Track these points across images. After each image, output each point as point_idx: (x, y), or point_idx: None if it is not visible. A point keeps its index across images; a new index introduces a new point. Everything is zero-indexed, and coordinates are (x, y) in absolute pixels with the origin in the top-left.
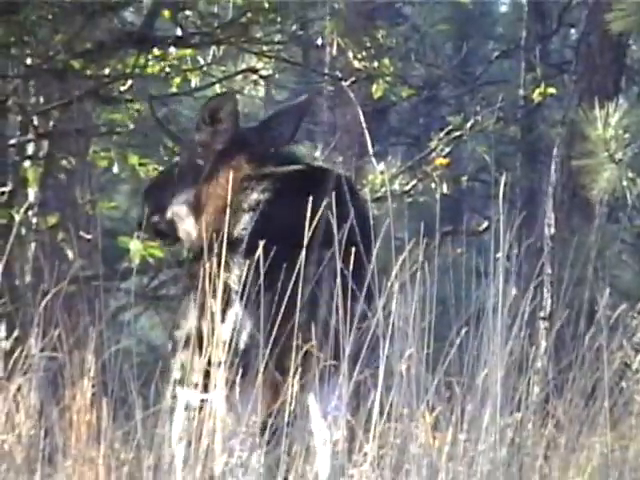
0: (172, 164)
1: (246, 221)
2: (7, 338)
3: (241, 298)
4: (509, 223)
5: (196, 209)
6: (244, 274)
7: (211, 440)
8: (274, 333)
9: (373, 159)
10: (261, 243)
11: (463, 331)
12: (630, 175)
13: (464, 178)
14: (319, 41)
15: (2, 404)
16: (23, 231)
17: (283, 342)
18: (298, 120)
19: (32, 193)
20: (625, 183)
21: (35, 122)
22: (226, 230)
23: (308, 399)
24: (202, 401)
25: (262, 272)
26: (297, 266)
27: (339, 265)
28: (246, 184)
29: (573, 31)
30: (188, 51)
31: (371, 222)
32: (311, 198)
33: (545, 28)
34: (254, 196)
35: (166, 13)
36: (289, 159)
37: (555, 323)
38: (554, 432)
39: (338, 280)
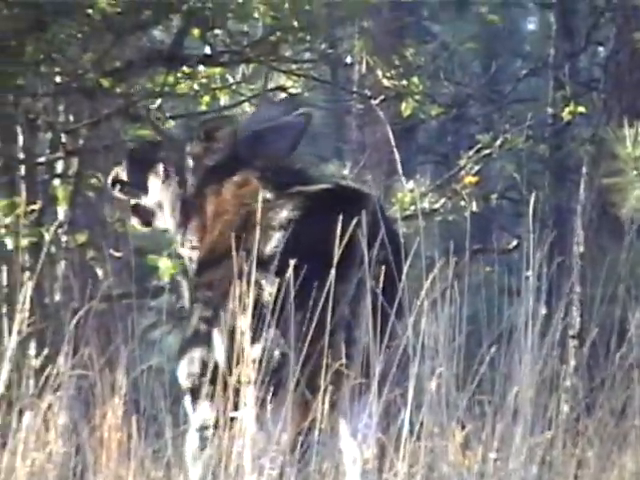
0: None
1: (277, 239)
2: (37, 356)
3: (273, 316)
4: (539, 241)
5: (185, 222)
6: (276, 292)
7: (241, 458)
8: (305, 352)
9: (402, 177)
10: (293, 262)
11: (493, 349)
12: None
13: (493, 196)
14: (348, 59)
15: (33, 422)
16: (53, 249)
17: (314, 361)
18: (297, 136)
19: (61, 211)
20: None
21: (64, 140)
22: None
23: (338, 417)
24: (232, 419)
25: (294, 290)
26: (329, 285)
27: (370, 284)
28: (273, 201)
29: (602, 49)
30: (217, 69)
31: (401, 241)
32: (342, 217)
33: (574, 46)
34: (284, 214)
35: (195, 32)
36: (301, 176)
37: (585, 341)
38: (585, 451)
39: (369, 299)
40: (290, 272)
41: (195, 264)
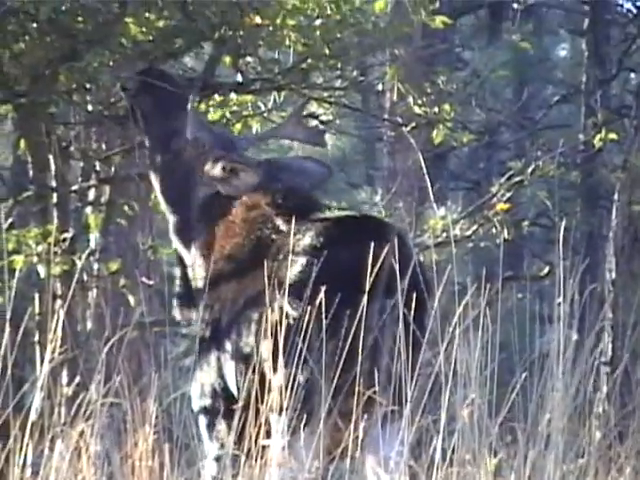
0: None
1: (301, 265)
2: (69, 384)
3: (298, 342)
4: (570, 268)
5: (191, 238)
6: (301, 318)
7: None
8: (336, 379)
9: (434, 204)
10: (323, 288)
11: (525, 376)
12: None
13: (525, 223)
14: (379, 87)
15: (65, 450)
16: (85, 277)
17: (346, 388)
18: (318, 184)
19: (94, 239)
20: None
21: (97, 168)
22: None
23: (370, 444)
24: (264, 447)
25: (322, 317)
26: (359, 312)
27: (400, 312)
28: (288, 228)
29: (633, 75)
30: (249, 97)
31: (425, 273)
32: (367, 246)
33: (605, 72)
34: (307, 240)
35: (227, 59)
36: (313, 203)
37: (617, 368)
38: (617, 478)
39: (400, 326)
40: (320, 298)
41: (200, 281)
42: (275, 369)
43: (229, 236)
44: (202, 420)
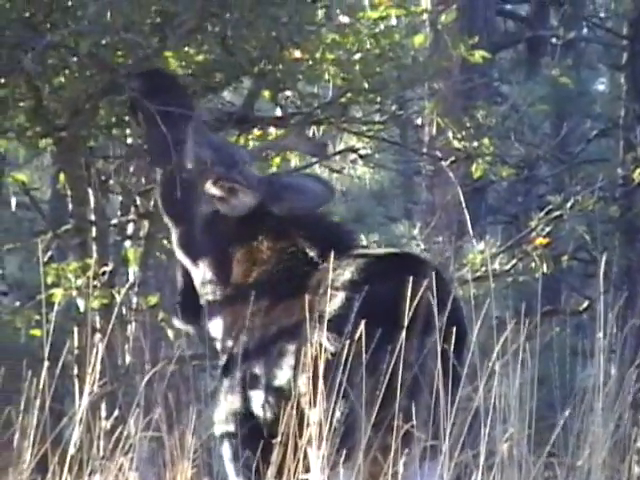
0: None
1: (341, 300)
2: (108, 418)
3: (336, 376)
4: (610, 302)
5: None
6: (340, 353)
7: None
8: (375, 414)
9: (472, 238)
10: (362, 323)
11: (566, 411)
12: None
13: (564, 257)
14: (418, 121)
15: None
16: (124, 311)
17: (385, 423)
18: (320, 204)
19: (132, 273)
20: None
21: (136, 202)
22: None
23: (409, 478)
24: None
25: (362, 352)
26: (397, 348)
27: (439, 347)
28: (336, 262)
29: None
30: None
31: (463, 311)
32: (406, 282)
33: None
34: (347, 276)
35: (266, 93)
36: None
37: None
38: None
39: (439, 363)
40: (360, 333)
41: (211, 298)
42: (313, 403)
43: (254, 263)
44: (226, 449)
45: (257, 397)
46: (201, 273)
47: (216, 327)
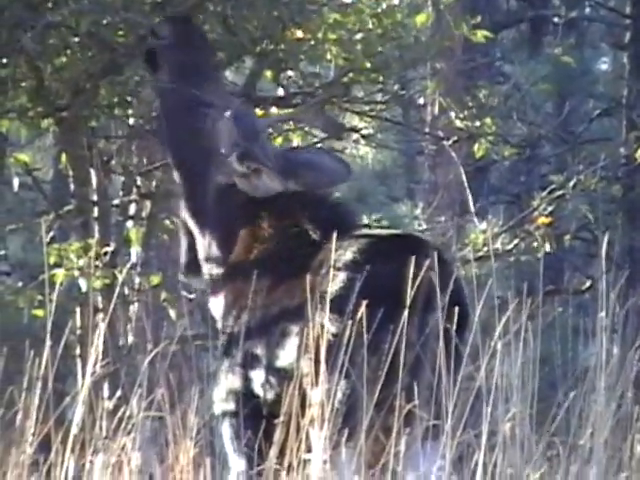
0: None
1: (342, 280)
2: (110, 398)
3: (337, 357)
4: (612, 282)
5: (210, 234)
6: (341, 333)
7: None
8: (377, 394)
9: (474, 218)
10: (364, 303)
11: (568, 391)
12: None
13: (566, 237)
14: (420, 100)
15: (106, 464)
16: (126, 291)
17: (387, 403)
18: (335, 181)
19: (135, 253)
20: None
21: (138, 182)
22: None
23: (411, 459)
24: (305, 461)
25: (365, 332)
26: (399, 327)
27: (441, 326)
28: (338, 243)
29: None
30: (290, 111)
31: (465, 291)
32: (408, 262)
33: None
34: (349, 256)
35: (268, 73)
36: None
37: None
38: None
39: (441, 341)
40: (361, 314)
41: (215, 271)
42: (315, 384)
43: (256, 240)
44: (226, 427)
45: (258, 377)
46: (206, 243)
47: (217, 305)
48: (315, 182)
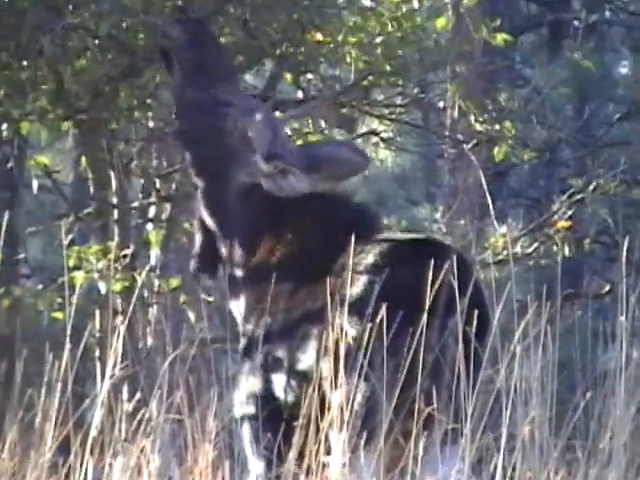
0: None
1: (363, 283)
2: (130, 400)
3: (357, 360)
4: (632, 286)
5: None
6: (362, 336)
7: None
8: (396, 397)
9: (494, 221)
10: (384, 306)
11: (587, 394)
12: None
13: (586, 241)
14: (440, 104)
15: (126, 466)
16: (145, 293)
17: (406, 406)
18: (352, 172)
19: (154, 256)
20: None
21: (157, 185)
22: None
23: (429, 462)
24: (324, 464)
25: (385, 335)
26: (419, 331)
27: (461, 330)
28: (360, 246)
29: None
30: (303, 108)
31: (485, 295)
32: (430, 267)
33: None
34: (370, 260)
35: (288, 76)
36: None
37: None
38: None
39: (460, 345)
40: (382, 317)
41: (241, 283)
42: (335, 387)
43: (279, 242)
44: (246, 430)
45: (279, 380)
46: (227, 242)
47: (238, 306)
48: (337, 174)
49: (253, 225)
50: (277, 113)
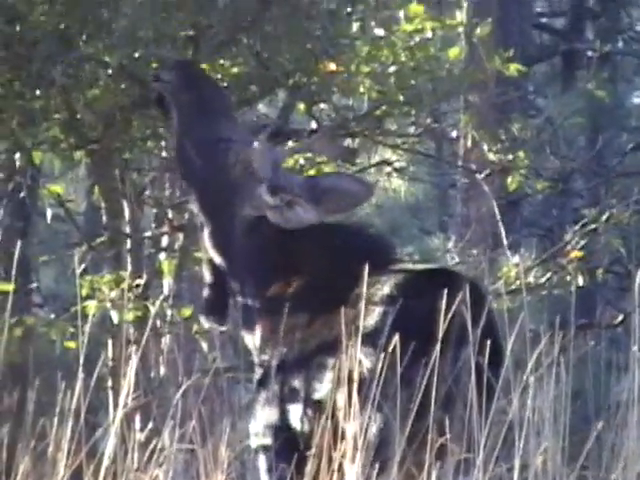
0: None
1: (378, 314)
2: (142, 430)
3: (372, 391)
4: None
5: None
6: (377, 367)
7: None
8: (409, 428)
9: (507, 251)
10: (396, 337)
11: (600, 425)
12: None
13: (599, 271)
14: (453, 134)
15: None
16: (158, 323)
17: (419, 436)
18: (356, 203)
19: (167, 285)
20: None
21: (170, 215)
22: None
23: None
24: None
25: (399, 366)
26: (432, 361)
27: (473, 360)
28: (376, 277)
29: None
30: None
31: (498, 326)
32: (444, 298)
33: None
34: (386, 291)
35: (301, 106)
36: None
37: None
38: None
39: (473, 376)
40: (393, 348)
41: (256, 314)
42: (349, 417)
43: (295, 273)
44: (262, 461)
45: (295, 410)
46: (238, 278)
47: (253, 337)
48: (341, 205)
49: (264, 258)
50: (277, 146)
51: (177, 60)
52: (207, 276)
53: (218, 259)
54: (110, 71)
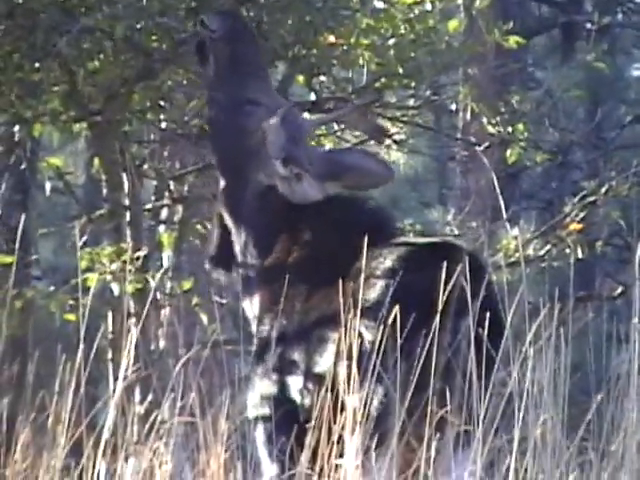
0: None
1: (380, 288)
2: (142, 403)
3: (373, 364)
4: None
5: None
6: (377, 339)
7: None
8: (408, 400)
9: (506, 224)
10: (397, 309)
11: (599, 396)
12: None
13: (598, 243)
14: (453, 106)
15: (138, 468)
16: (158, 295)
17: (419, 409)
18: (377, 183)
19: (167, 257)
20: None
21: (170, 187)
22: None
23: (442, 464)
24: (337, 466)
25: (400, 339)
26: (433, 334)
27: (473, 332)
28: (378, 251)
29: None
30: (334, 114)
31: (498, 298)
32: (442, 268)
33: None
34: (388, 264)
35: (300, 78)
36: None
37: None
38: None
39: (472, 348)
40: (394, 320)
41: (255, 283)
42: (350, 390)
43: (295, 244)
44: (260, 432)
45: (295, 382)
46: (242, 242)
47: (251, 306)
48: (360, 183)
49: (269, 225)
50: (309, 115)
51: (226, 11)
52: (215, 229)
53: (227, 219)
54: (113, 43)
